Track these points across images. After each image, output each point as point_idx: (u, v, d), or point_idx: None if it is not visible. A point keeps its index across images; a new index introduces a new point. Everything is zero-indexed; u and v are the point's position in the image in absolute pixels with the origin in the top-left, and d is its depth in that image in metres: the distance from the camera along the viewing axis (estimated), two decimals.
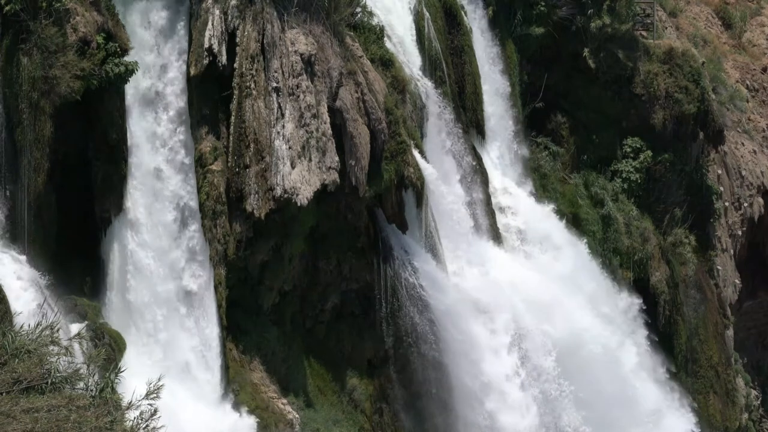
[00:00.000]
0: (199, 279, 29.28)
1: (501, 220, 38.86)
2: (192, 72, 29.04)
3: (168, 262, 28.89)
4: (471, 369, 34.06)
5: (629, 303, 42.05)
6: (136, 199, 28.31)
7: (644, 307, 42.57)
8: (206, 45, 29.12)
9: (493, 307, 35.05)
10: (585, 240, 41.40)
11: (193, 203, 29.35)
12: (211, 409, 28.87)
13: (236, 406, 29.56)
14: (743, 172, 50.54)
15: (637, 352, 40.86)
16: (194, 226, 29.33)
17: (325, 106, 30.80)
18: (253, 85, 29.75)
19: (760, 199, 51.08)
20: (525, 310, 36.09)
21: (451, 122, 36.73)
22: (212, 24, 29.28)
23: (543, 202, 40.97)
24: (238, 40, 29.81)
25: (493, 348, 34.65)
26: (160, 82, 28.89)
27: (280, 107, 30.08)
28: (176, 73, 29.10)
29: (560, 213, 41.29)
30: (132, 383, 16.14)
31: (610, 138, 44.40)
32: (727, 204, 48.88)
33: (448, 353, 33.72)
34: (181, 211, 29.15)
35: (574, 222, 41.97)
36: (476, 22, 40.14)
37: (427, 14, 37.08)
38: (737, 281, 49.32)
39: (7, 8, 25.72)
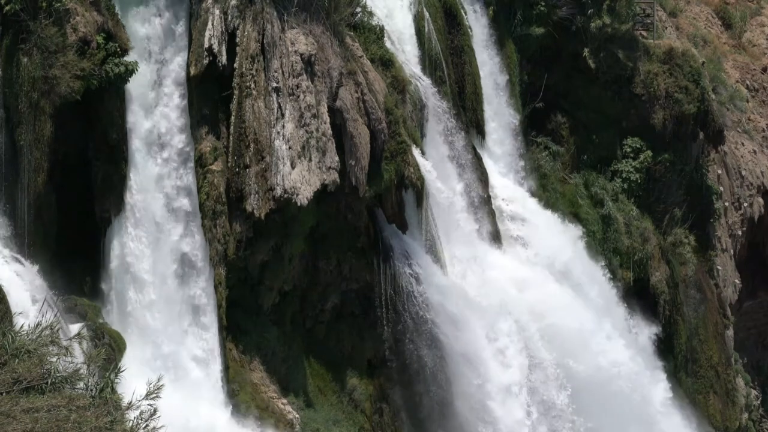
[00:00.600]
0: (202, 343, 28.89)
1: (510, 249, 38.10)
2: (192, 72, 29.00)
3: (173, 318, 28.51)
4: (482, 415, 33.48)
5: (648, 334, 41.65)
6: (142, 250, 28.09)
7: (661, 336, 42.24)
8: (206, 45, 29.10)
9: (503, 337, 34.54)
10: (602, 263, 41.01)
11: (196, 258, 29.00)
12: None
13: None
14: (743, 172, 50.53)
15: (665, 387, 40.20)
16: (200, 280, 28.98)
17: (325, 106, 30.79)
18: (253, 85, 29.74)
19: (760, 199, 51.07)
20: (536, 333, 35.53)
21: (462, 148, 36.39)
22: (212, 24, 29.26)
23: (565, 224, 40.40)
24: (238, 40, 29.79)
25: (505, 386, 33.97)
26: (163, 120, 28.67)
27: (280, 107, 30.06)
28: (175, 111, 28.85)
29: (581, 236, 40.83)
30: (132, 383, 16.15)
31: (610, 138, 44.37)
32: (727, 204, 48.86)
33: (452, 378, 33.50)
34: (182, 265, 28.86)
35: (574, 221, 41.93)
36: (478, 29, 39.98)
37: (427, 14, 37.05)
38: (737, 281, 49.30)
39: (7, 8, 25.72)
